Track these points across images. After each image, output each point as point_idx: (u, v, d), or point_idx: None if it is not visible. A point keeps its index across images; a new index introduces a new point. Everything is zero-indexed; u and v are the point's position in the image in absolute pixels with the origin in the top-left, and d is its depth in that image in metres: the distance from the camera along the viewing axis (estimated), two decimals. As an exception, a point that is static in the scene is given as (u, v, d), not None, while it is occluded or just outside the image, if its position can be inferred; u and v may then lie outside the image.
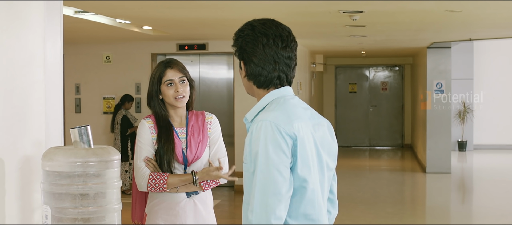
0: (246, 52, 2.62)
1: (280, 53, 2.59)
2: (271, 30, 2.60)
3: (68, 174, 2.69)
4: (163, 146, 3.84)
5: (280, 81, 2.63)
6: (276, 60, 2.59)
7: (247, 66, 2.64)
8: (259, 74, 2.61)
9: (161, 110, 3.92)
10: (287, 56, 2.61)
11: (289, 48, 2.62)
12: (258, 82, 2.63)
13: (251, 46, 2.60)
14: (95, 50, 12.43)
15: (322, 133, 2.67)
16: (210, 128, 4.01)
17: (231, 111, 12.13)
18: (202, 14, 8.11)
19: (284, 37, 2.61)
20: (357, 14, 8.02)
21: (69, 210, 2.71)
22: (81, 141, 2.79)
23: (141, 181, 3.81)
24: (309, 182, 2.50)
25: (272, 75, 2.60)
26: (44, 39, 3.11)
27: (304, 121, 2.58)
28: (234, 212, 10.57)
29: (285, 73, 2.63)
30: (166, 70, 3.91)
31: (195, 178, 3.82)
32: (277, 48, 2.59)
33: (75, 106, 12.54)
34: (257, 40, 2.59)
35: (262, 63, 2.59)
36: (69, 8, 7.69)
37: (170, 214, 3.88)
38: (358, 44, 13.66)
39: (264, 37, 2.59)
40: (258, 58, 2.59)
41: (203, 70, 12.44)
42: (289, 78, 2.67)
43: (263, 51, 2.58)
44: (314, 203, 2.53)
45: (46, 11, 3.13)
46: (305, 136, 2.53)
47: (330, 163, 2.66)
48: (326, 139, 2.68)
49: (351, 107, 19.94)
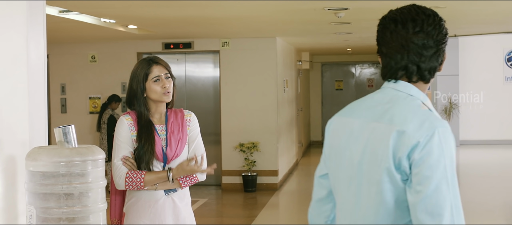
0: (378, 43, 2.36)
1: (410, 38, 2.26)
2: (402, 15, 2.29)
3: (53, 174, 2.68)
4: (143, 145, 3.83)
5: (408, 73, 2.30)
6: (405, 47, 2.27)
7: (381, 59, 2.37)
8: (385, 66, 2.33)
9: (145, 109, 3.91)
10: (421, 45, 2.27)
11: (424, 33, 2.27)
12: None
13: (381, 35, 2.33)
14: (80, 50, 12.39)
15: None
16: (189, 125, 4.01)
17: (218, 110, 12.12)
18: (188, 12, 8.10)
19: (418, 21, 2.27)
20: (342, 11, 8.04)
21: (53, 210, 2.70)
22: (65, 141, 2.78)
23: (118, 180, 3.80)
24: None
25: (398, 65, 2.29)
26: (27, 39, 3.10)
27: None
28: (222, 210, 10.56)
29: (416, 64, 2.29)
30: (151, 67, 3.91)
31: (169, 175, 3.82)
32: (407, 33, 2.27)
33: (61, 106, 12.49)
34: (386, 27, 2.31)
35: (390, 53, 2.30)
36: (53, 8, 7.66)
37: (148, 212, 3.86)
38: (343, 41, 13.68)
39: (392, 22, 2.30)
40: (387, 47, 2.30)
41: (189, 68, 12.42)
42: (423, 70, 2.29)
43: (390, 39, 2.29)
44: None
45: (28, 11, 3.11)
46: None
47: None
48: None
49: (338, 104, 19.96)
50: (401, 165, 2.15)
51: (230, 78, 11.95)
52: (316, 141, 19.87)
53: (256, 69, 11.90)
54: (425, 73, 2.29)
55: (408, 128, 2.16)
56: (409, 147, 2.13)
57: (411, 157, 2.13)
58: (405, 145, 2.14)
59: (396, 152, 2.15)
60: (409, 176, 2.15)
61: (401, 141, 2.15)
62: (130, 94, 3.94)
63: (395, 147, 2.16)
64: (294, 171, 14.20)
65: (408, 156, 2.14)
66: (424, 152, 2.11)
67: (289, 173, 13.68)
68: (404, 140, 2.15)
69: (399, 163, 2.15)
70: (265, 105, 11.89)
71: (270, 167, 11.95)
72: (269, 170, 11.94)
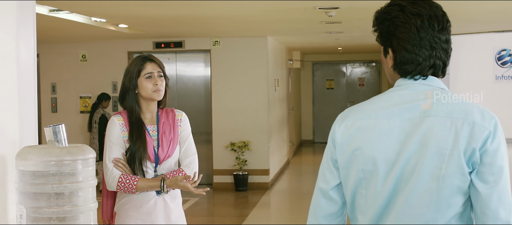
0: (396, 37, 2.27)
1: (437, 36, 2.26)
2: (425, 10, 2.25)
3: (43, 173, 2.66)
4: (135, 144, 3.81)
5: (435, 70, 2.30)
6: (432, 45, 2.25)
7: (396, 54, 2.29)
8: (411, 62, 2.27)
9: (135, 105, 3.89)
10: (444, 40, 2.29)
11: (446, 31, 2.29)
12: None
13: (402, 30, 2.26)
14: (71, 49, 12.36)
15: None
16: (181, 125, 3.99)
17: (209, 109, 12.11)
18: (179, 11, 8.09)
19: (440, 17, 2.27)
20: (332, 10, 8.04)
21: (44, 209, 2.68)
22: (55, 140, 2.77)
23: (111, 182, 3.79)
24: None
25: (426, 62, 2.26)
26: (17, 38, 3.09)
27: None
28: (213, 209, 10.56)
29: (442, 60, 2.29)
30: (145, 63, 3.90)
31: (163, 185, 3.80)
32: (433, 31, 2.25)
33: (51, 106, 12.46)
34: (409, 22, 2.25)
35: (416, 49, 2.25)
36: (43, 7, 7.63)
37: (140, 212, 3.86)
38: (334, 40, 13.69)
39: (417, 18, 2.25)
40: (412, 43, 2.24)
41: (180, 68, 12.41)
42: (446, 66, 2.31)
43: (417, 35, 2.24)
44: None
45: (18, 10, 3.10)
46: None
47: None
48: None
49: (329, 103, 19.99)
50: (473, 156, 2.13)
51: (221, 77, 11.95)
52: (307, 140, 19.89)
53: (247, 68, 11.90)
54: (446, 68, 2.31)
55: (475, 119, 2.15)
56: (483, 137, 2.13)
57: (483, 147, 2.13)
58: (479, 135, 2.13)
59: (470, 144, 2.13)
60: (477, 167, 2.14)
61: (474, 132, 2.14)
62: (122, 90, 3.93)
63: (469, 139, 2.13)
64: (285, 170, 14.20)
65: (481, 147, 2.13)
66: (496, 142, 2.14)
67: (280, 172, 13.68)
68: (476, 130, 2.14)
69: (472, 155, 2.13)
70: (256, 104, 11.89)
71: (261, 166, 11.95)
72: (260, 169, 11.94)
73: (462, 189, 2.15)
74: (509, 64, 18.18)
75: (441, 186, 2.15)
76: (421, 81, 2.28)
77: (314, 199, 2.40)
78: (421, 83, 2.28)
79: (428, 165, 2.16)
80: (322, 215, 2.38)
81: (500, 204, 2.12)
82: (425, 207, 2.17)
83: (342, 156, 2.30)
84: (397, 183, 2.20)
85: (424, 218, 2.17)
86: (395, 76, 2.35)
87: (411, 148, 2.18)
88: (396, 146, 2.21)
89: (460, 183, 2.15)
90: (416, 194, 2.17)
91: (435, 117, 2.18)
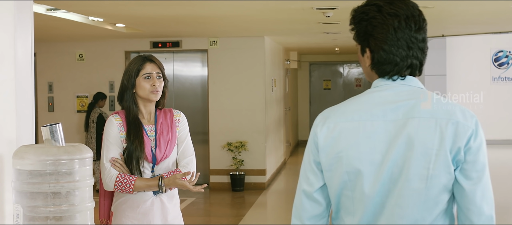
0: (374, 38, 2.28)
1: (414, 36, 2.27)
2: (402, 10, 2.26)
3: (40, 172, 2.66)
4: (132, 143, 3.81)
5: (412, 70, 2.31)
6: (409, 45, 2.26)
7: (374, 53, 2.30)
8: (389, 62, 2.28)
9: (133, 104, 3.89)
10: (421, 39, 2.29)
11: (423, 30, 2.29)
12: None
13: (380, 30, 2.26)
14: (68, 48, 12.35)
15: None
16: (179, 125, 3.99)
17: (206, 109, 12.11)
18: (176, 11, 8.08)
19: (416, 17, 2.28)
20: (330, 11, 8.05)
21: (41, 209, 2.68)
22: (52, 139, 2.77)
23: (108, 182, 3.78)
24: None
25: (404, 62, 2.27)
26: (14, 37, 3.09)
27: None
28: (209, 209, 10.55)
29: (419, 60, 2.31)
30: (145, 63, 3.90)
31: (161, 185, 3.80)
32: (410, 31, 2.26)
33: (48, 105, 12.45)
34: (387, 23, 2.25)
35: (394, 50, 2.26)
36: (41, 6, 7.63)
37: (137, 212, 3.85)
38: (332, 41, 13.70)
39: (395, 18, 2.26)
40: (390, 44, 2.25)
41: (177, 67, 12.41)
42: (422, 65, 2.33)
43: (395, 36, 2.25)
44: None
45: (16, 9, 3.10)
46: None
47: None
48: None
49: (326, 103, 19.99)
50: (458, 154, 2.18)
51: (218, 77, 11.94)
52: (304, 141, 19.89)
53: (244, 68, 11.90)
54: (422, 67, 2.33)
55: (458, 118, 2.20)
56: (467, 136, 2.18)
57: (467, 145, 2.18)
58: (463, 134, 2.18)
59: (455, 143, 2.18)
60: (461, 165, 2.19)
61: (458, 131, 2.18)
62: (121, 89, 3.94)
63: (454, 138, 2.18)
64: (282, 171, 14.21)
65: (465, 145, 2.18)
66: (478, 140, 2.20)
67: (277, 172, 13.68)
68: (460, 130, 2.18)
69: (457, 153, 2.18)
70: (253, 104, 11.89)
71: (258, 167, 11.95)
72: (257, 169, 11.95)
73: (448, 187, 2.21)
74: (505, 66, 18.17)
75: (429, 186, 2.19)
76: (400, 81, 2.30)
77: (297, 201, 2.40)
78: (400, 84, 2.30)
79: (415, 166, 2.18)
80: (307, 217, 2.38)
81: (483, 199, 2.19)
82: (414, 207, 2.20)
83: (325, 158, 2.31)
84: (385, 185, 2.22)
85: (413, 218, 2.20)
86: (373, 75, 2.36)
87: (397, 150, 2.20)
88: (381, 148, 2.22)
89: (446, 182, 2.19)
90: (405, 195, 2.20)
91: (419, 119, 2.20)
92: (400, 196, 2.20)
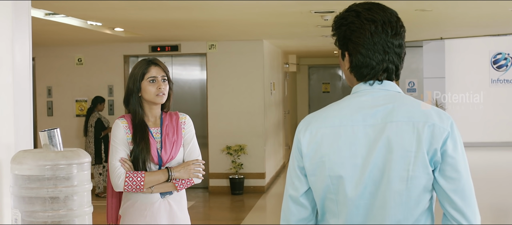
0: (352, 42, 2.36)
1: (390, 41, 2.34)
2: (379, 16, 2.34)
3: (38, 177, 2.66)
4: (138, 145, 3.84)
5: (389, 74, 2.38)
6: (385, 49, 2.33)
7: (352, 57, 2.38)
8: (366, 65, 2.35)
9: (139, 108, 3.93)
10: (397, 45, 2.36)
11: (400, 36, 2.37)
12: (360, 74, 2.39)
13: (357, 35, 2.35)
14: (66, 53, 12.34)
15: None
16: (184, 128, 4.03)
17: (205, 112, 12.11)
18: (174, 15, 8.09)
19: (393, 23, 2.35)
20: (328, 14, 8.05)
21: (39, 213, 2.68)
22: (50, 144, 2.76)
23: (117, 181, 3.80)
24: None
25: (380, 66, 2.34)
26: (12, 42, 3.09)
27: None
28: (209, 213, 10.55)
29: (395, 64, 2.37)
30: (149, 67, 3.95)
31: (170, 173, 3.83)
32: (386, 36, 2.33)
33: (47, 109, 12.44)
34: (364, 28, 2.34)
35: (370, 54, 2.33)
36: (39, 11, 7.63)
37: (144, 215, 3.87)
38: (330, 44, 13.69)
39: (372, 24, 2.33)
40: (366, 47, 2.33)
41: (176, 71, 12.41)
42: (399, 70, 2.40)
43: (371, 40, 2.32)
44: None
45: (14, 13, 3.10)
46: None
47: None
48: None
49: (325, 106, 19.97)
50: (435, 156, 2.24)
51: (217, 80, 11.94)
52: (303, 144, 19.86)
53: (243, 72, 11.90)
54: (399, 72, 2.40)
55: (434, 121, 2.26)
56: (443, 138, 2.24)
57: (443, 146, 2.24)
58: (439, 136, 2.24)
59: (432, 144, 2.23)
60: (439, 166, 2.25)
61: (434, 133, 2.24)
62: (127, 92, 3.99)
63: (431, 140, 2.24)
64: (281, 174, 14.20)
65: (441, 147, 2.24)
66: (454, 140, 2.26)
67: (276, 175, 13.68)
68: (436, 132, 2.24)
69: (434, 155, 2.24)
70: (252, 107, 11.89)
71: (257, 170, 11.95)
72: (256, 172, 11.94)
73: (428, 188, 2.27)
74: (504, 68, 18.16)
75: (409, 187, 2.25)
76: (378, 86, 2.37)
77: (284, 205, 2.48)
78: (379, 89, 2.37)
79: (395, 168, 2.25)
80: (294, 220, 2.45)
81: (464, 199, 2.26)
82: (396, 208, 2.26)
83: (309, 163, 2.37)
84: (368, 187, 2.28)
85: (396, 218, 2.27)
86: (352, 78, 2.44)
87: (378, 153, 2.27)
88: (362, 152, 2.29)
89: (426, 182, 2.26)
90: (387, 196, 2.26)
91: (397, 122, 2.27)
92: (382, 197, 2.27)
